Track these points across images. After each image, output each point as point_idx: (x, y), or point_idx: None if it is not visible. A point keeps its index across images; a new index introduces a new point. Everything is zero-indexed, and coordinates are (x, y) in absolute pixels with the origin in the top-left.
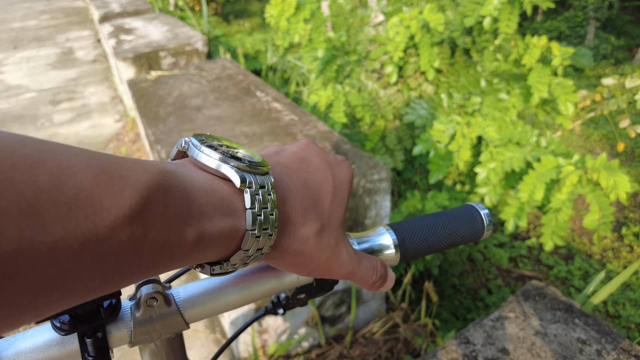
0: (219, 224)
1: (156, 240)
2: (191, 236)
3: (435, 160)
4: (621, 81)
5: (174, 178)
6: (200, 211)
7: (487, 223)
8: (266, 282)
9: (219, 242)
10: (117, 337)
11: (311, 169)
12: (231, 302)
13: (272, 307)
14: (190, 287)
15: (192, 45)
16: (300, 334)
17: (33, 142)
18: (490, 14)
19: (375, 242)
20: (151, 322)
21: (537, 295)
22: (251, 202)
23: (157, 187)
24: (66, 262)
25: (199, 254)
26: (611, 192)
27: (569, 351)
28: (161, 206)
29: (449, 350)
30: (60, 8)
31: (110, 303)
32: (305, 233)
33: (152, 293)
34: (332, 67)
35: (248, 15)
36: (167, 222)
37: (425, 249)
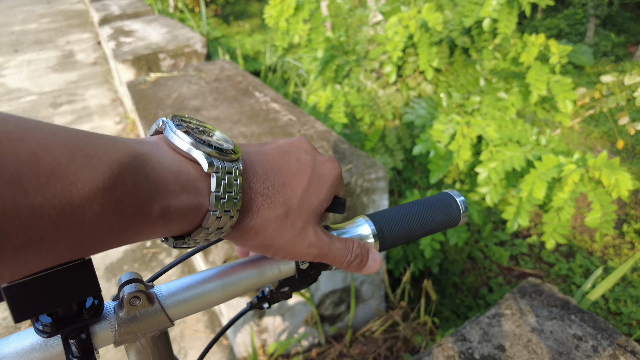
0: (184, 202)
1: (126, 213)
2: (157, 211)
3: (435, 160)
4: (620, 78)
5: (144, 159)
6: (167, 189)
7: (463, 210)
8: (248, 277)
9: (183, 218)
10: (101, 337)
11: (290, 159)
12: (214, 298)
13: (257, 301)
14: (172, 285)
15: (191, 47)
16: (299, 333)
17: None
18: (490, 15)
19: (354, 233)
20: (135, 321)
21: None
22: (216, 186)
23: (127, 166)
24: (44, 226)
25: (163, 226)
26: (613, 190)
27: (565, 347)
28: (131, 183)
29: (445, 347)
30: (61, 11)
31: (93, 303)
32: (267, 215)
33: (134, 292)
34: (331, 67)
35: (248, 17)
36: (136, 198)
37: (403, 237)
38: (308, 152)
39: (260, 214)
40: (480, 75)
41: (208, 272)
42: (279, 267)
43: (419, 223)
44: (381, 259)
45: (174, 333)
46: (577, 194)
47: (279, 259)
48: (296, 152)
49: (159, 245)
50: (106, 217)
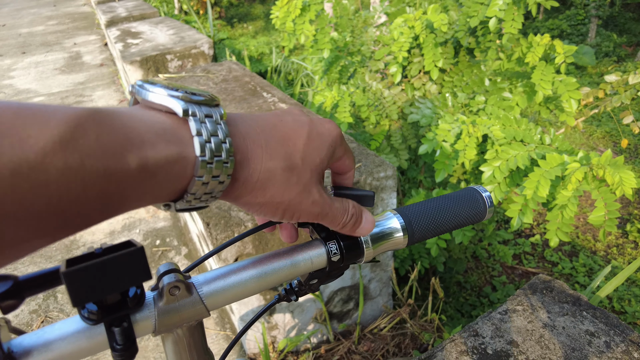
0: (164, 151)
1: (97, 167)
2: (134, 163)
3: (441, 160)
4: (624, 77)
5: (109, 113)
6: (141, 139)
7: (488, 204)
8: (282, 268)
9: (169, 170)
10: (142, 326)
11: (286, 118)
12: (250, 288)
13: (285, 294)
14: (209, 275)
15: (198, 48)
16: (309, 330)
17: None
18: (496, 15)
19: (385, 226)
20: (174, 311)
21: (544, 289)
22: (197, 130)
23: (86, 118)
24: (3, 191)
25: (151, 182)
26: (617, 188)
27: (577, 343)
28: (94, 134)
29: (458, 342)
30: (67, 13)
31: (136, 293)
32: (270, 166)
33: (174, 282)
34: (336, 67)
35: (251, 19)
36: (105, 150)
37: (431, 231)
38: (303, 114)
39: (263, 165)
40: (485, 76)
41: (243, 263)
42: (312, 259)
43: (446, 217)
44: (374, 221)
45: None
46: (580, 192)
47: (310, 250)
48: (291, 114)
49: (169, 243)
50: (74, 173)
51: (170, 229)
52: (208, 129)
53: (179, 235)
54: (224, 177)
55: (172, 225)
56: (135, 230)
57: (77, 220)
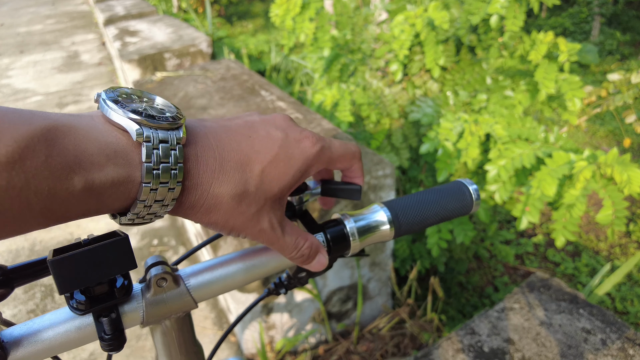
0: (111, 174)
1: (41, 188)
2: (80, 184)
3: (443, 159)
4: (627, 77)
5: (63, 131)
6: (90, 161)
7: (475, 198)
8: (269, 260)
9: (114, 192)
10: (130, 317)
11: (256, 134)
12: (237, 280)
13: (274, 287)
14: (197, 267)
15: (197, 47)
16: (307, 329)
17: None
18: (497, 12)
19: (371, 219)
20: (162, 302)
21: (541, 287)
22: (147, 156)
23: (38, 139)
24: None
25: (96, 201)
26: (625, 186)
27: (573, 341)
28: (43, 155)
29: (455, 340)
30: (65, 12)
31: (123, 283)
32: (218, 192)
33: (161, 274)
34: (336, 66)
35: (251, 17)
36: (51, 172)
37: (417, 224)
38: (281, 128)
39: (211, 191)
40: (486, 74)
41: (230, 255)
42: None
43: (433, 210)
44: (325, 263)
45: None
46: (589, 190)
47: None
48: (267, 127)
49: (166, 243)
50: (18, 192)
51: (168, 229)
52: (159, 155)
53: (176, 235)
54: (168, 201)
55: (170, 225)
56: (133, 230)
57: (17, 230)
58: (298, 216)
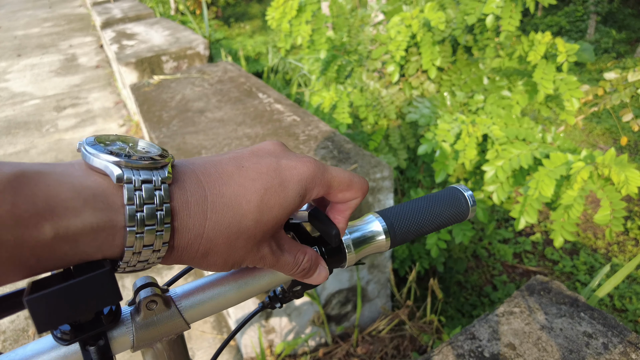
0: (89, 219)
1: (7, 238)
2: (51, 232)
3: (441, 160)
4: (624, 75)
5: (34, 178)
6: (65, 207)
7: (471, 203)
8: (262, 277)
9: (94, 238)
10: (119, 343)
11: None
12: (230, 299)
13: (269, 301)
14: (187, 287)
15: (194, 49)
16: (306, 333)
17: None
18: (493, 12)
19: (366, 230)
20: (152, 325)
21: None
22: (129, 198)
23: (4, 184)
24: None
25: (71, 250)
26: (622, 187)
27: (575, 345)
28: (9, 203)
29: (455, 346)
30: (63, 15)
31: (111, 309)
32: (212, 235)
33: (151, 296)
34: (333, 67)
35: (249, 18)
36: (18, 220)
37: (413, 232)
38: (273, 155)
39: (205, 233)
40: (483, 74)
41: (223, 274)
42: None
43: (428, 218)
44: (327, 275)
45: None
46: (587, 191)
47: None
48: (258, 155)
49: None
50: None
51: None
52: (142, 197)
53: None
54: (158, 246)
55: None
56: None
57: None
58: (291, 229)
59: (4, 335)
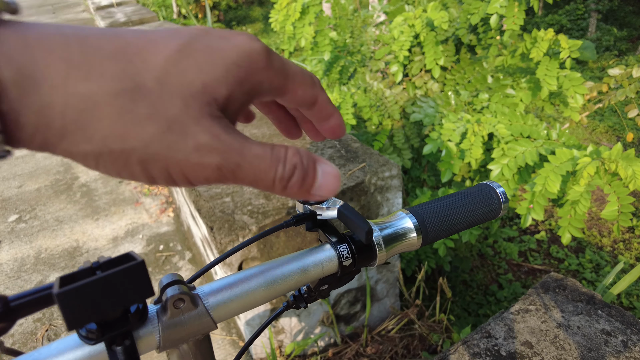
0: None
1: None
2: None
3: (446, 160)
4: (628, 71)
5: None
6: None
7: (503, 201)
8: (291, 275)
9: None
10: (145, 343)
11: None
12: (258, 297)
13: (293, 300)
14: (215, 285)
15: None
16: (316, 333)
17: None
18: (497, 11)
19: (398, 227)
20: (180, 325)
21: (557, 287)
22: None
23: None
24: None
25: None
26: (630, 182)
27: (593, 343)
28: None
29: (471, 344)
30: (67, 20)
31: (138, 308)
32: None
33: (178, 294)
34: (336, 68)
35: (250, 21)
36: None
37: (445, 230)
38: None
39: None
40: (487, 73)
41: (250, 271)
42: (322, 264)
43: (460, 216)
44: (338, 174)
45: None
46: (593, 186)
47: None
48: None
49: (172, 248)
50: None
51: (174, 234)
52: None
53: (182, 239)
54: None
55: (176, 229)
56: (139, 235)
57: None
58: (318, 225)
59: (12, 339)
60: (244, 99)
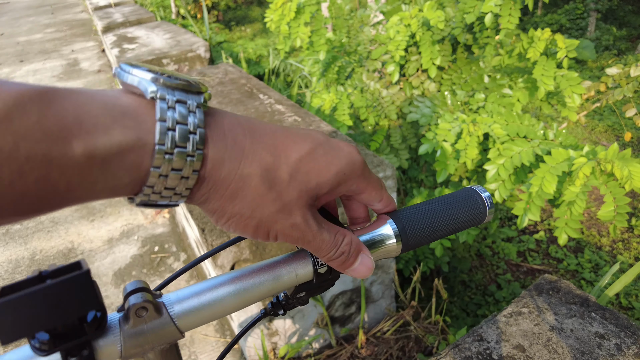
0: (118, 137)
1: (34, 152)
2: (79, 149)
3: (442, 160)
4: (626, 70)
5: (64, 92)
6: (93, 123)
7: (488, 206)
8: (263, 283)
9: (122, 158)
10: (105, 353)
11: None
12: (227, 306)
13: (271, 308)
14: (182, 293)
15: (195, 52)
16: (310, 335)
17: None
18: (492, 10)
19: (375, 233)
20: (142, 334)
21: (550, 289)
22: (161, 116)
23: (30, 96)
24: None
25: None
26: (626, 182)
27: (587, 346)
28: (36, 115)
29: (462, 348)
30: (65, 21)
31: (95, 316)
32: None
33: (141, 303)
34: (333, 68)
35: (249, 21)
36: (46, 133)
37: (427, 237)
38: (322, 134)
39: (239, 170)
40: (484, 72)
41: (219, 279)
42: (296, 271)
43: (443, 221)
44: (372, 267)
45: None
46: (589, 187)
47: (295, 263)
48: (306, 129)
49: (167, 249)
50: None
51: (169, 235)
52: (175, 117)
53: (177, 241)
54: (187, 172)
55: (171, 231)
56: (134, 236)
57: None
58: None
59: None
60: (335, 194)
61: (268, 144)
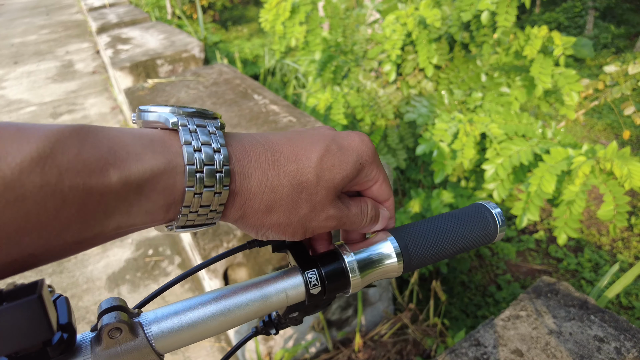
0: (149, 162)
1: (75, 183)
2: (115, 176)
3: (439, 160)
4: (624, 68)
5: (93, 129)
6: (126, 151)
7: (500, 224)
8: (250, 303)
9: (156, 183)
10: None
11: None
12: (210, 328)
13: (263, 326)
14: (161, 312)
15: (189, 52)
16: (307, 339)
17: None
18: (488, 8)
19: (374, 252)
20: (116, 357)
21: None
22: (185, 139)
23: (69, 133)
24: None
25: (137, 197)
26: (625, 181)
27: (586, 350)
28: (75, 149)
29: (459, 353)
30: (60, 22)
31: (62, 338)
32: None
33: (114, 323)
34: (329, 68)
35: (246, 21)
36: (85, 165)
37: (431, 257)
38: (328, 129)
39: (268, 182)
40: (481, 71)
41: (202, 298)
42: (286, 291)
43: (449, 240)
44: (387, 215)
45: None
46: (589, 186)
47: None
48: (314, 128)
49: (162, 252)
50: (52, 189)
51: (164, 238)
52: (199, 138)
53: (172, 244)
54: (219, 188)
55: (165, 234)
56: (128, 240)
57: (57, 234)
58: (286, 246)
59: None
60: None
61: (288, 153)
